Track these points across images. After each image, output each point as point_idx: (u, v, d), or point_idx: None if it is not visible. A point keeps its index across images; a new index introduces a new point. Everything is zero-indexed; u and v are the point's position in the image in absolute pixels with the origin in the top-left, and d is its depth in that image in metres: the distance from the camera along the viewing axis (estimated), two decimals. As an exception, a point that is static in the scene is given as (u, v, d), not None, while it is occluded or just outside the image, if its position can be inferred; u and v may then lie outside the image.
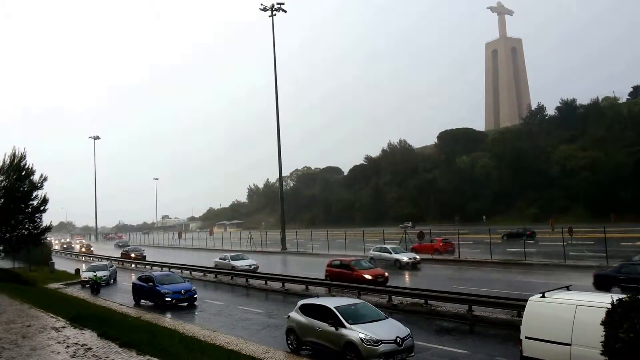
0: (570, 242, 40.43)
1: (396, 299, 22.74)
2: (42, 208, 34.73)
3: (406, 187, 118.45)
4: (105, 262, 42.65)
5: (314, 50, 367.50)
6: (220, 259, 40.75)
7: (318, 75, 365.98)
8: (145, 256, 55.42)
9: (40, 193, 34.77)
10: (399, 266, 36.32)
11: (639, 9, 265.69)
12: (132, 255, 55.66)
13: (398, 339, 13.63)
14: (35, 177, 34.71)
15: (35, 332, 17.02)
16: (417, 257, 37.98)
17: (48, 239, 55.86)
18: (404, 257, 37.20)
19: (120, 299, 28.96)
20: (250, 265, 37.53)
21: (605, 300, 9.44)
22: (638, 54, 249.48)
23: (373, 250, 39.78)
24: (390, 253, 37.94)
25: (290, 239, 63.87)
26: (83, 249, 76.02)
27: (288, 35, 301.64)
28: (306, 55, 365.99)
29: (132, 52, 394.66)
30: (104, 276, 35.05)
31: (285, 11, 61.35)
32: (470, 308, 19.64)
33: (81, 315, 19.34)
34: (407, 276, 33.60)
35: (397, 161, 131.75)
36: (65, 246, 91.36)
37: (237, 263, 37.96)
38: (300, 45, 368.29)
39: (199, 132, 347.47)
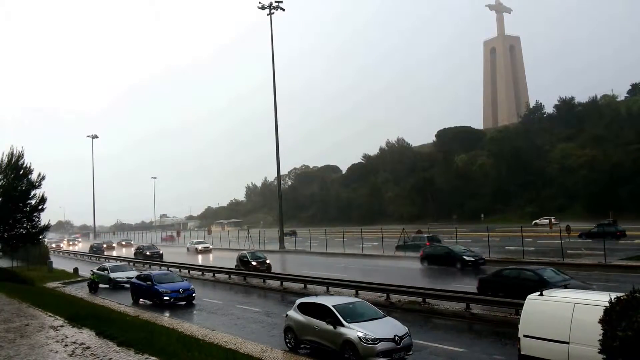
0: (568, 239, 40.53)
1: (394, 297, 22.78)
2: (40, 207, 34.69)
3: (404, 186, 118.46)
4: (125, 263, 42.24)
5: (314, 52, 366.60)
6: None
7: (318, 77, 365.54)
8: None
9: (38, 192, 34.79)
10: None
11: (638, 8, 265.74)
12: None
13: (396, 338, 13.63)
14: (34, 176, 34.71)
15: (34, 330, 17.01)
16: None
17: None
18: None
19: (118, 298, 28.93)
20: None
21: (603, 298, 9.46)
22: (637, 52, 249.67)
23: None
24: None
25: (288, 238, 63.88)
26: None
27: (289, 38, 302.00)
28: (307, 57, 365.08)
29: (132, 52, 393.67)
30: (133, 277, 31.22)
31: (284, 9, 61.35)
32: (468, 306, 19.66)
33: (79, 314, 19.35)
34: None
35: (395, 160, 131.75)
36: None
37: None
38: (301, 47, 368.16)
39: (198, 131, 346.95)
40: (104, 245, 75.78)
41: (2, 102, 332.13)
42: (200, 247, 63.70)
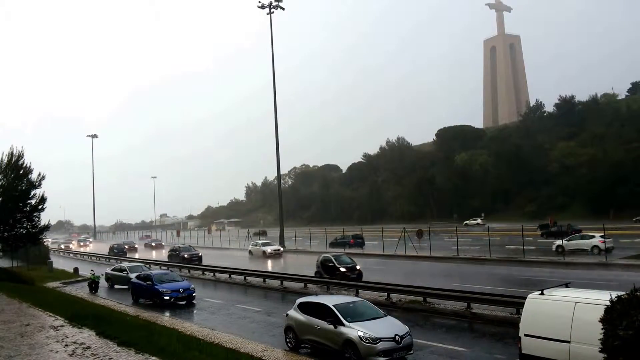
0: (568, 239, 40.43)
1: (395, 297, 22.75)
2: (40, 207, 34.66)
3: (404, 185, 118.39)
4: (141, 263, 38.76)
5: (316, 53, 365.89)
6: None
7: (319, 78, 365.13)
8: None
9: (38, 192, 34.76)
10: None
11: (639, 7, 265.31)
12: None
13: (397, 337, 13.61)
14: (33, 176, 34.68)
15: (34, 330, 16.99)
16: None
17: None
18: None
19: (118, 297, 28.91)
20: None
21: (604, 297, 9.44)
22: (637, 51, 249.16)
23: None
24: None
25: (288, 237, 63.85)
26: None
27: (291, 40, 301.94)
28: (309, 59, 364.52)
29: (133, 55, 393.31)
30: None
31: (283, 9, 61.20)
32: (468, 305, 19.63)
33: (79, 314, 19.32)
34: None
35: (395, 159, 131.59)
36: None
37: None
38: (303, 48, 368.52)
39: (198, 131, 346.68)
40: (126, 247, 67.46)
41: (3, 104, 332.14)
42: (269, 249, 51.92)
